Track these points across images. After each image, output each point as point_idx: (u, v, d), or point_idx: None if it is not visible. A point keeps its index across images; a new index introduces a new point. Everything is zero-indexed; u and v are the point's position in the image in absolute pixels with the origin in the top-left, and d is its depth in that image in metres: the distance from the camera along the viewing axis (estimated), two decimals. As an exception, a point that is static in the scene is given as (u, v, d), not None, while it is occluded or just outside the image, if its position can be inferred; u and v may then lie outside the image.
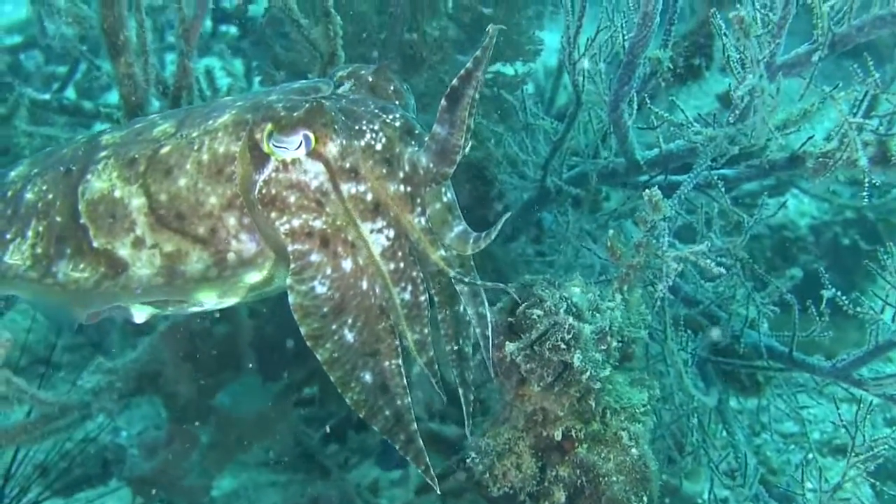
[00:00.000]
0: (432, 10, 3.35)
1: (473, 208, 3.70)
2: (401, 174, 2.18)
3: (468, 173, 3.68)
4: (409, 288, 2.22)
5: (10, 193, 2.49)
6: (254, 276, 2.28)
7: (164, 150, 2.29)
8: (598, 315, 2.49)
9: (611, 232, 2.67)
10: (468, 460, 2.51)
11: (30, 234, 2.38)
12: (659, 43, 3.21)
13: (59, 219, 2.35)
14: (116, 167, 2.32)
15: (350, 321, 2.19)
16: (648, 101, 3.04)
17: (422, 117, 2.35)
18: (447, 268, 2.22)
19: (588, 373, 2.38)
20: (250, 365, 3.96)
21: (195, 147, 2.26)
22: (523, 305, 2.44)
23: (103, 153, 2.38)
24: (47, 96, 5.08)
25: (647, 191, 2.56)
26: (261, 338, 3.96)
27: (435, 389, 2.38)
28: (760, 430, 4.45)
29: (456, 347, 2.41)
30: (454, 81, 2.07)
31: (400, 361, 2.23)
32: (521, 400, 2.50)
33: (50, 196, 2.39)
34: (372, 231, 2.18)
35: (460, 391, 2.43)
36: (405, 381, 2.24)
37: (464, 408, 2.42)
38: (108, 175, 2.32)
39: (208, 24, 5.64)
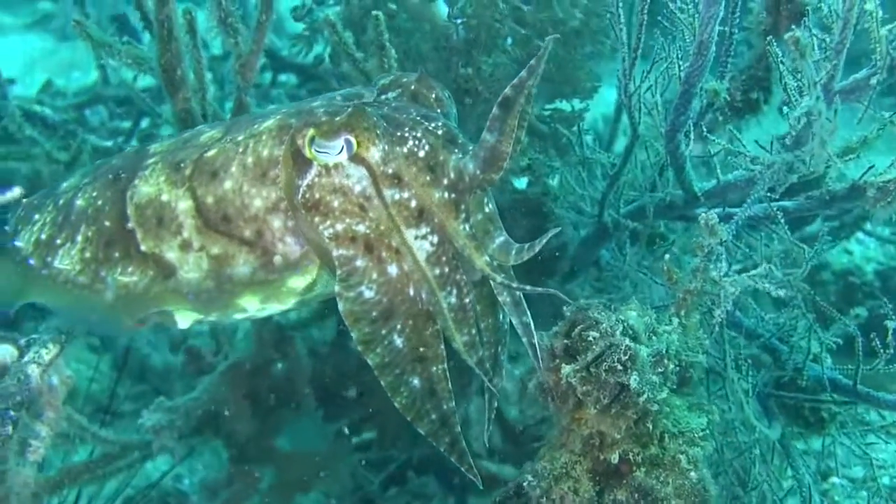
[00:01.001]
0: (489, 46, 3.37)
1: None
2: (445, 181, 2.21)
3: (525, 208, 3.68)
4: (455, 291, 2.24)
5: (61, 202, 2.55)
6: (297, 281, 2.32)
7: (210, 153, 2.34)
8: (654, 338, 2.47)
9: (667, 257, 2.65)
10: (525, 483, 2.49)
11: (79, 238, 2.44)
12: (716, 75, 3.20)
13: (107, 223, 2.41)
14: (164, 172, 2.37)
15: (399, 326, 2.21)
16: (705, 130, 3.02)
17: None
18: (493, 273, 2.22)
19: (645, 395, 2.36)
20: (309, 405, 3.96)
21: (240, 150, 2.31)
22: (579, 328, 2.43)
23: (151, 160, 2.44)
24: (109, 143, 5.16)
25: (703, 215, 2.54)
26: (319, 377, 3.97)
27: (490, 388, 2.41)
28: (827, 472, 4.36)
29: (492, 354, 2.43)
30: (507, 90, 2.09)
31: (446, 366, 2.26)
32: (577, 424, 2.48)
33: (99, 202, 2.45)
34: (416, 237, 2.21)
35: (486, 396, 2.47)
36: (450, 385, 2.26)
37: (486, 413, 2.49)
38: (156, 179, 2.37)
39: (267, 75, 5.73)
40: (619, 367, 2.34)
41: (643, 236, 3.55)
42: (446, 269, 2.23)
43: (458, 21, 3.41)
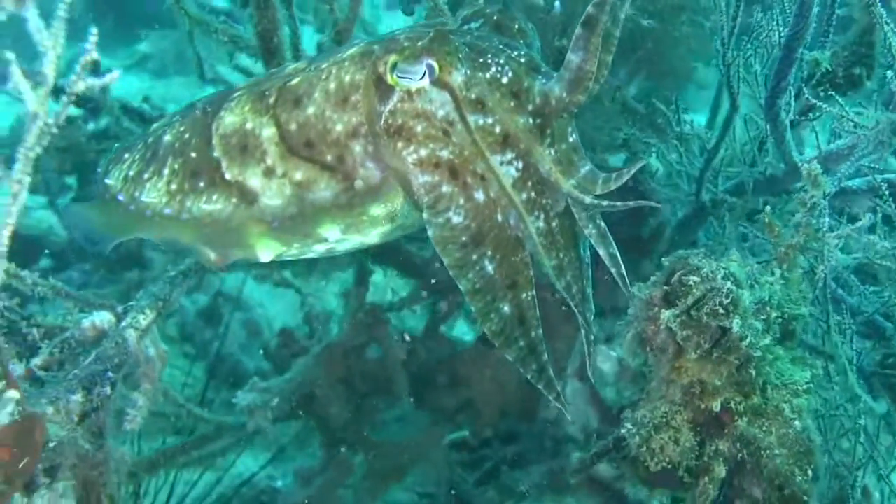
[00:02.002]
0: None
1: (625, 224, 3.65)
2: (530, 107, 2.20)
3: (621, 187, 3.63)
4: (542, 216, 2.23)
5: (150, 139, 2.59)
6: (378, 209, 2.32)
7: (294, 81, 2.36)
8: (756, 287, 2.43)
9: (767, 208, 2.60)
10: (623, 431, 2.45)
11: (166, 171, 2.47)
12: (818, 47, 3.16)
13: (193, 155, 2.44)
14: (249, 101, 2.40)
15: (489, 253, 2.21)
16: (805, 90, 2.97)
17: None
18: (582, 195, 2.21)
19: (748, 339, 2.31)
20: (402, 391, 3.95)
21: (323, 77, 2.32)
22: (679, 273, 2.39)
23: (237, 93, 2.47)
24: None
25: (805, 165, 2.50)
26: (413, 362, 3.95)
27: (580, 316, 2.41)
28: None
29: (579, 288, 2.42)
30: (589, 8, 2.09)
31: (534, 293, 2.25)
32: (677, 373, 2.43)
33: (186, 135, 2.48)
34: (501, 163, 2.20)
35: (582, 332, 2.47)
36: (538, 313, 2.26)
37: (585, 347, 2.49)
38: (241, 109, 2.40)
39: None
40: (721, 311, 2.29)
41: (742, 213, 3.49)
42: (533, 194, 2.22)
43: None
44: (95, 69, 1.62)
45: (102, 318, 2.94)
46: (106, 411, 2.69)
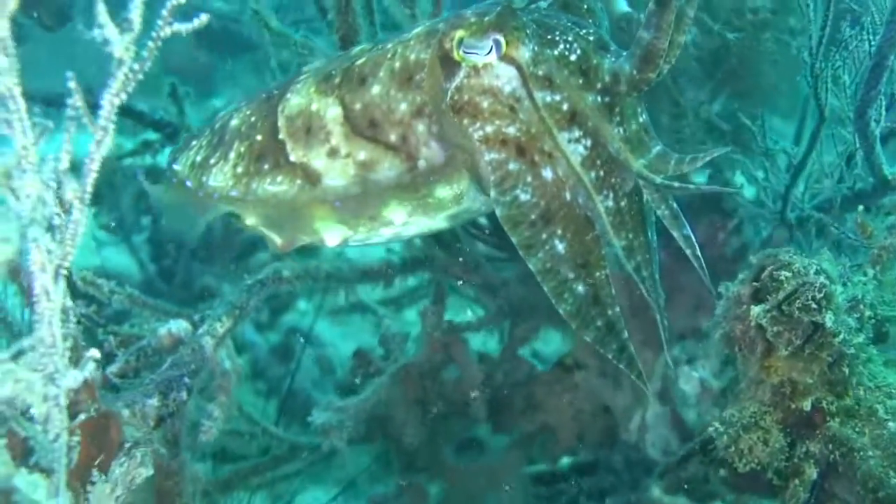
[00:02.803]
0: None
1: (708, 244, 3.59)
2: (598, 84, 2.17)
3: (705, 205, 3.59)
4: (612, 195, 2.19)
5: (217, 125, 2.61)
6: (444, 191, 2.30)
7: (360, 61, 2.36)
8: (849, 285, 2.36)
9: (860, 208, 2.53)
10: (711, 430, 2.38)
11: (232, 155, 2.48)
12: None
13: (259, 137, 2.44)
14: (314, 83, 2.40)
15: (559, 231, 2.18)
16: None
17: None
18: (653, 175, 2.16)
19: (841, 335, 2.24)
20: (480, 414, 3.88)
21: (388, 56, 2.31)
22: (769, 268, 2.33)
23: (303, 76, 2.47)
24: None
25: (901, 164, 2.44)
26: (490, 386, 3.89)
27: (649, 296, 2.36)
28: None
29: (649, 273, 2.36)
30: None
31: (608, 272, 2.22)
32: (766, 372, 2.36)
33: (253, 119, 2.49)
34: (570, 141, 2.16)
35: (657, 317, 2.40)
36: (613, 291, 2.22)
37: (660, 331, 2.40)
38: (306, 91, 2.39)
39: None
40: (814, 306, 2.23)
41: (829, 230, 3.41)
42: (601, 173, 2.18)
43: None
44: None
45: (179, 327, 2.94)
46: (182, 417, 2.68)
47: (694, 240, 2.30)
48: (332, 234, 2.43)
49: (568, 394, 3.84)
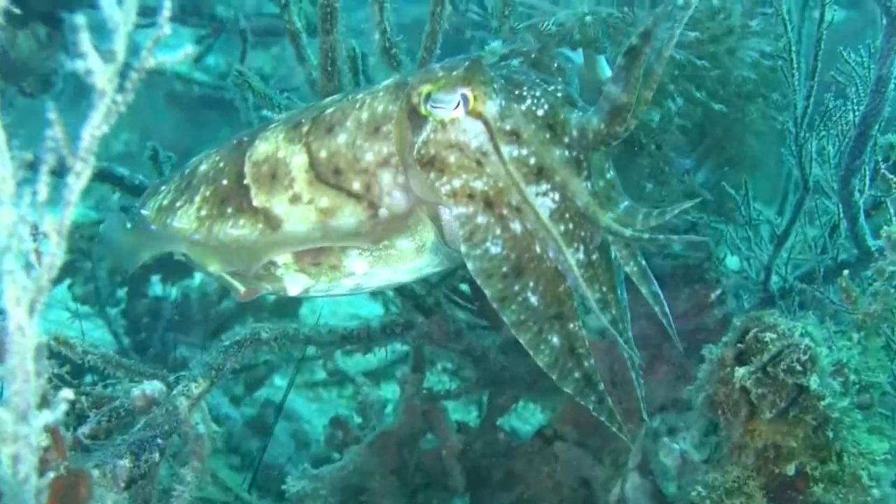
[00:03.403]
0: (656, 100, 3.33)
1: (690, 315, 3.57)
2: (566, 139, 2.18)
3: (687, 276, 3.57)
4: (582, 248, 2.20)
5: (187, 171, 2.63)
6: (405, 243, 2.32)
7: (329, 110, 2.38)
8: (834, 349, 2.34)
9: (845, 272, 2.52)
10: (693, 494, 2.34)
11: (197, 199, 2.50)
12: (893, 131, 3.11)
13: (225, 182, 2.46)
14: (283, 130, 2.42)
15: (531, 284, 2.19)
16: (882, 166, 2.90)
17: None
18: (622, 228, 2.17)
19: (826, 399, 2.22)
20: (458, 485, 3.82)
21: (357, 106, 2.34)
22: (754, 331, 2.31)
23: (274, 124, 2.50)
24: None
25: (885, 229, 2.43)
26: (469, 456, 3.84)
27: (625, 349, 2.36)
28: None
29: (623, 328, 2.36)
30: (633, 38, 2.07)
31: (581, 323, 2.22)
32: (750, 436, 2.34)
33: (221, 164, 2.51)
34: (537, 194, 2.17)
35: (633, 375, 2.45)
36: (587, 343, 2.23)
37: (637, 392, 2.46)
38: (275, 138, 2.42)
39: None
40: (799, 368, 2.21)
41: (812, 301, 3.39)
42: (570, 226, 2.19)
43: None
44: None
45: (153, 388, 2.90)
46: (153, 479, 2.63)
47: (662, 297, 2.33)
48: (293, 284, 2.45)
49: (547, 466, 3.78)
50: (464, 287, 3.89)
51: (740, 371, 2.27)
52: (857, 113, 2.97)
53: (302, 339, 3.36)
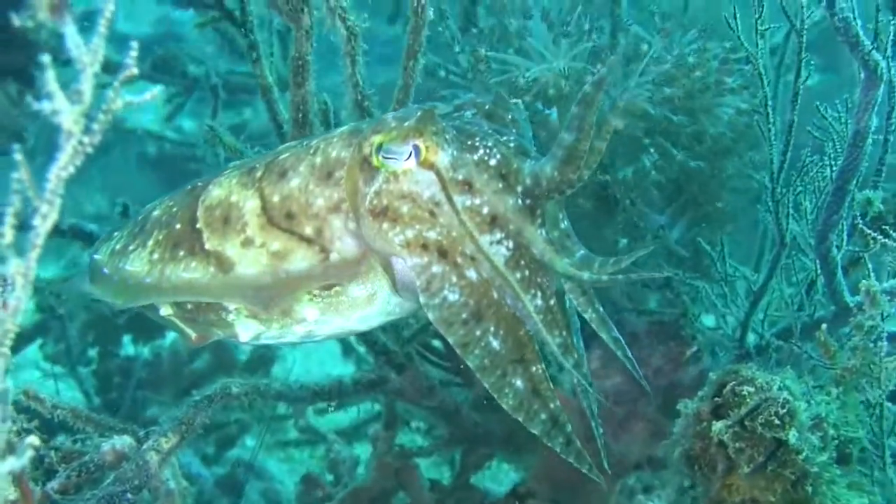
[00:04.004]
0: (630, 157, 3.33)
1: (666, 372, 3.55)
2: (519, 188, 2.17)
3: (662, 334, 3.55)
4: (539, 294, 2.18)
5: (140, 217, 2.62)
6: (357, 290, 2.30)
7: (283, 156, 2.38)
8: (812, 403, 2.32)
9: (823, 326, 2.50)
10: (669, 550, 2.30)
11: (150, 243, 2.48)
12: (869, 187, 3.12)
13: (178, 226, 2.44)
14: (237, 176, 2.42)
15: (492, 329, 2.17)
16: (860, 221, 2.89)
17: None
18: (579, 272, 2.16)
19: (804, 453, 2.19)
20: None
21: (311, 151, 2.33)
22: (731, 384, 2.29)
23: (228, 170, 2.50)
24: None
25: (864, 282, 2.42)
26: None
27: (588, 394, 2.37)
28: None
29: (584, 373, 2.33)
30: (586, 87, 2.06)
31: (543, 366, 2.20)
32: (727, 490, 2.30)
33: (174, 209, 2.50)
34: (491, 243, 2.16)
35: (593, 424, 2.40)
36: (551, 386, 2.20)
37: (597, 440, 2.40)
38: (228, 183, 2.41)
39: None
40: (777, 422, 2.19)
41: (788, 358, 3.37)
42: (527, 273, 2.17)
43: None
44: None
45: (123, 442, 2.86)
46: (122, 532, 2.59)
47: (623, 341, 2.31)
48: (244, 329, 2.42)
49: (520, 525, 3.73)
50: (436, 343, 3.85)
51: (717, 425, 2.23)
52: (834, 168, 2.97)
53: (273, 394, 3.32)
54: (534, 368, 2.18)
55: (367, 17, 3.04)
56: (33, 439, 1.63)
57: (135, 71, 1.54)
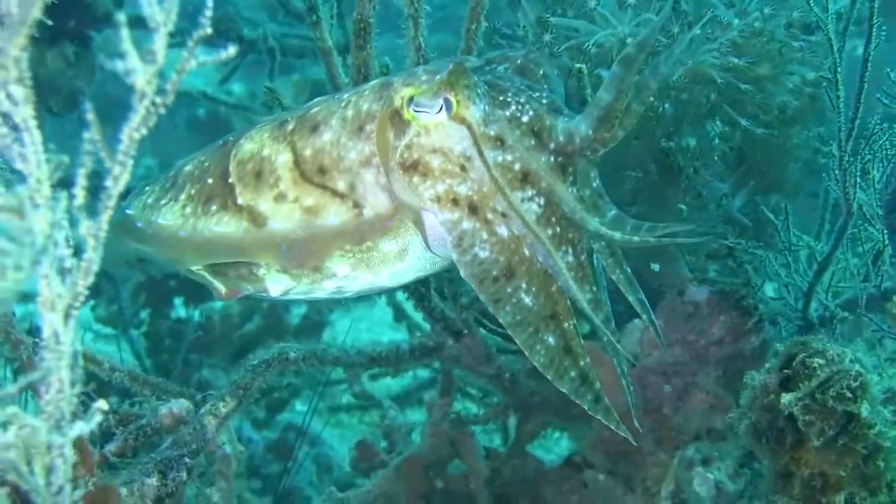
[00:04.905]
0: (696, 124, 3.28)
1: (727, 342, 3.50)
2: (552, 145, 2.16)
3: (724, 304, 3.50)
4: (571, 250, 2.17)
5: (172, 172, 2.63)
6: (389, 245, 2.29)
7: (314, 109, 2.37)
8: (884, 376, 2.27)
9: (895, 297, 2.45)
10: (737, 526, 2.27)
11: (182, 197, 2.49)
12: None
13: (210, 181, 2.46)
14: (268, 129, 2.41)
15: (524, 285, 2.16)
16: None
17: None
18: (610, 232, 2.15)
19: (877, 427, 2.14)
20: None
21: (342, 104, 2.32)
22: (801, 356, 2.24)
23: (260, 124, 2.49)
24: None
25: (935, 252, 2.37)
26: (496, 482, 3.77)
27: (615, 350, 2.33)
28: None
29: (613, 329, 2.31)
30: (629, 48, 2.06)
31: (576, 322, 2.19)
32: (796, 465, 2.26)
33: (206, 163, 2.50)
34: (523, 200, 2.15)
35: (623, 382, 2.39)
36: (583, 342, 2.20)
37: (628, 397, 2.38)
38: (260, 137, 2.41)
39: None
40: (848, 395, 2.14)
41: (854, 329, 3.32)
42: (558, 229, 2.16)
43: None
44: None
45: (180, 406, 2.86)
46: (180, 498, 2.59)
47: (648, 305, 2.30)
48: (275, 284, 2.42)
49: (576, 494, 3.71)
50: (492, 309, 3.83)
51: (787, 397, 2.20)
52: (904, 137, 2.91)
53: (330, 359, 3.31)
54: (566, 324, 2.18)
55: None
56: (102, 403, 1.62)
57: (209, 31, 1.51)
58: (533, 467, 3.81)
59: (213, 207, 2.42)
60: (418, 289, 3.41)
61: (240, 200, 2.37)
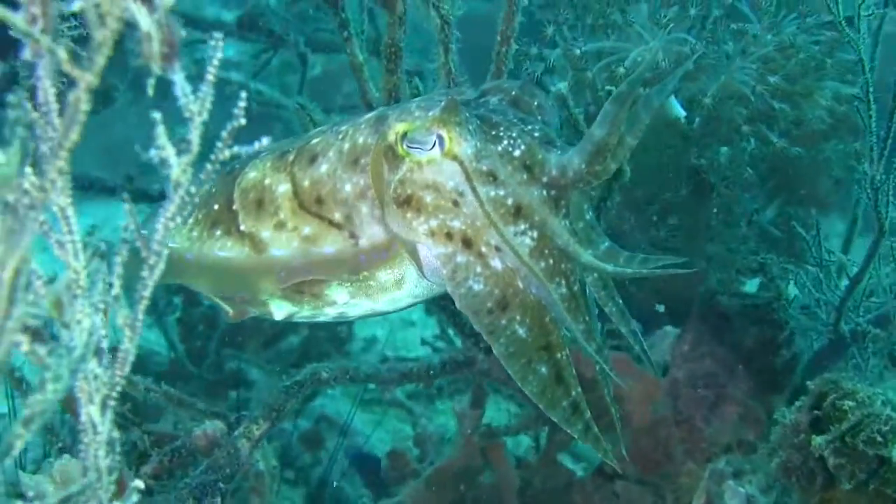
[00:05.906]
0: (727, 140, 3.27)
1: (758, 355, 3.51)
2: (544, 178, 2.18)
3: (755, 317, 3.51)
4: (564, 282, 2.18)
5: None
6: (386, 275, 2.34)
7: (314, 140, 2.42)
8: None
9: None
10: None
11: (191, 221, 2.56)
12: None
13: (216, 207, 2.52)
14: (271, 160, 2.47)
15: (518, 317, 2.18)
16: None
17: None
18: (602, 264, 2.17)
19: (909, 472, 2.15)
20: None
21: (340, 137, 2.36)
22: (832, 397, 2.25)
23: (264, 153, 2.53)
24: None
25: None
26: (527, 493, 3.80)
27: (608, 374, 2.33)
28: None
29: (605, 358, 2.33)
30: (622, 86, 2.10)
31: (568, 352, 2.21)
32: (826, 504, 2.28)
33: (213, 190, 2.56)
34: (516, 234, 2.17)
35: (612, 410, 2.38)
36: (574, 372, 2.21)
37: (615, 425, 2.38)
38: (262, 166, 2.46)
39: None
40: (879, 439, 2.14)
41: (886, 345, 3.31)
42: (551, 261, 2.18)
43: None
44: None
45: (214, 427, 2.89)
46: (216, 520, 2.62)
47: (640, 335, 2.31)
48: (278, 309, 2.48)
49: (607, 503, 3.73)
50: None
51: (818, 440, 2.21)
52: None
53: (362, 377, 3.33)
54: (559, 355, 2.19)
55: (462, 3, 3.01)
56: (139, 483, 1.65)
57: (243, 122, 1.53)
58: (564, 477, 3.83)
59: (218, 232, 2.48)
60: (448, 305, 3.42)
61: (242, 227, 2.43)
